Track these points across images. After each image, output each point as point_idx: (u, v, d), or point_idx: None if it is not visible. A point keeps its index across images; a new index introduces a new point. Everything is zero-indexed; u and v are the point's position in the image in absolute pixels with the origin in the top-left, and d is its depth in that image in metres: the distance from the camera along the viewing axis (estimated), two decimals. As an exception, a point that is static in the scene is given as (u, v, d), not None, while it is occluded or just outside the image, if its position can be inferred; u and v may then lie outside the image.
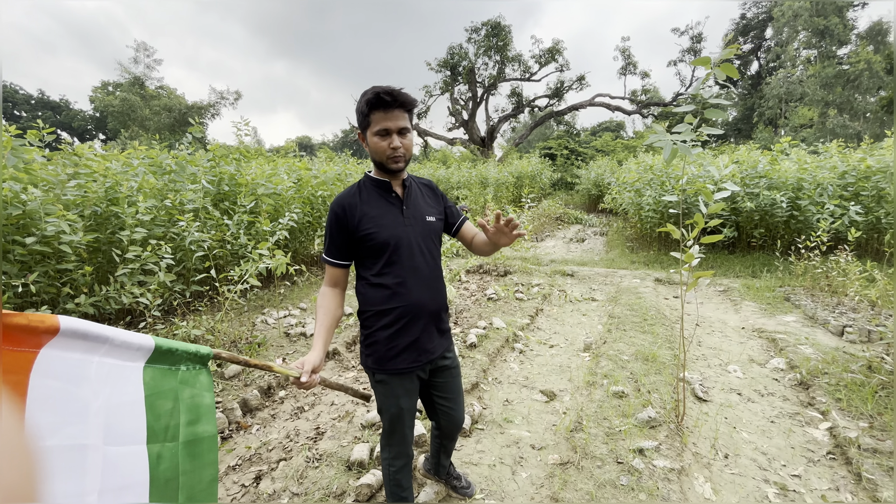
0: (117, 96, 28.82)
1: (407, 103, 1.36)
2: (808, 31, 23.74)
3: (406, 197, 1.50)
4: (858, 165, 6.97)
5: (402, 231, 1.45)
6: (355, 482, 2.11)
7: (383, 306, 1.45)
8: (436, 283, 1.52)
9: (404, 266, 1.44)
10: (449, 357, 1.63)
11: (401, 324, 1.45)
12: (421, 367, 1.53)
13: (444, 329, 1.60)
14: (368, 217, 1.43)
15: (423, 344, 1.50)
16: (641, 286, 5.92)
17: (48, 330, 0.85)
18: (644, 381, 3.05)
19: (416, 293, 1.45)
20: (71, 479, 0.84)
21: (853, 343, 3.80)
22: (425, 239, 1.50)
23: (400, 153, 1.40)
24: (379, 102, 1.33)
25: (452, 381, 1.67)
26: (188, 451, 1.08)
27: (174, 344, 1.09)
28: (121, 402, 0.96)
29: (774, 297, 5.20)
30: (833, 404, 2.77)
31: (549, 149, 23.04)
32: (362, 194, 1.48)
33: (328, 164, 7.95)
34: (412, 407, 1.57)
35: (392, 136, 1.37)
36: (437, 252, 1.56)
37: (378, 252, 1.43)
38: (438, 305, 1.53)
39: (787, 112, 24.16)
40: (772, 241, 7.21)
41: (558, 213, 13.47)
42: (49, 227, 3.28)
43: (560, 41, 24.90)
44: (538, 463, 2.34)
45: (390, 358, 1.47)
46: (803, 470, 2.27)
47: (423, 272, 1.47)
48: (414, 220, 1.49)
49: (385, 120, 1.34)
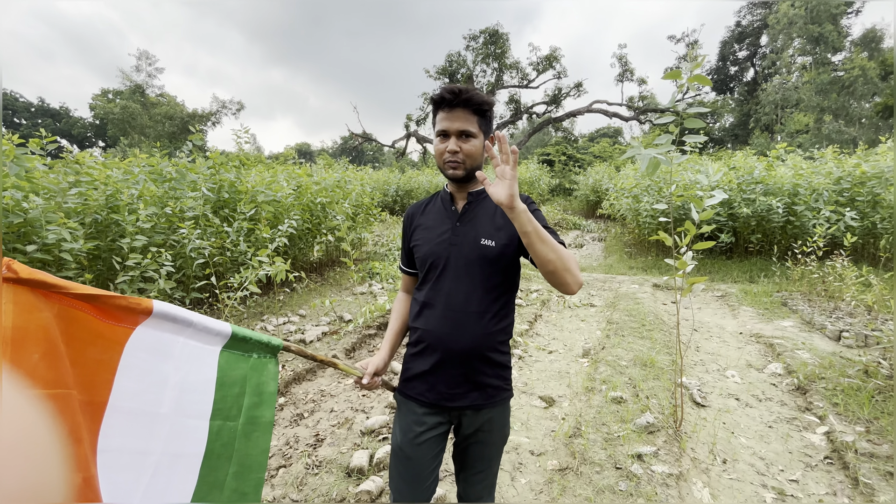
0: (117, 104, 28.98)
1: (472, 101, 1.18)
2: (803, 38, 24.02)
3: (465, 212, 1.29)
4: (854, 171, 7.04)
5: (443, 249, 1.26)
6: (355, 489, 2.12)
7: (411, 322, 1.35)
8: (469, 318, 1.22)
9: (436, 287, 1.27)
10: (487, 420, 1.27)
11: (419, 348, 1.29)
12: (432, 407, 1.27)
13: (482, 382, 1.25)
14: (421, 228, 1.34)
15: (439, 384, 1.25)
16: (640, 292, 5.94)
17: (144, 311, 0.98)
18: (642, 387, 3.06)
19: (438, 321, 1.25)
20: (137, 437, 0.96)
21: (850, 348, 3.83)
22: (471, 264, 1.24)
23: (458, 158, 1.20)
24: (442, 101, 1.19)
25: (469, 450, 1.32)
26: (244, 431, 1.16)
27: (249, 333, 1.18)
28: (196, 379, 1.08)
29: (772, 303, 5.22)
30: (830, 409, 2.79)
31: (548, 155, 23.17)
32: (429, 205, 1.39)
33: (327, 171, 7.99)
34: (416, 457, 1.27)
35: (450, 139, 1.20)
36: (488, 284, 1.24)
37: (421, 265, 1.32)
38: (467, 346, 1.22)
39: (783, 118, 24.36)
40: (769, 247, 7.25)
41: (557, 218, 13.52)
42: (50, 235, 3.30)
43: (557, 48, 25.15)
44: (537, 469, 2.35)
45: (404, 379, 1.34)
46: (801, 475, 2.28)
47: (455, 301, 1.23)
48: (463, 239, 1.25)
49: (445, 120, 1.20)
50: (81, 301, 0.89)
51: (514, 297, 1.33)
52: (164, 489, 0.99)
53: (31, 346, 0.76)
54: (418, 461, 1.27)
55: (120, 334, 0.96)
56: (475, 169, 1.24)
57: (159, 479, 0.98)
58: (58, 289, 0.84)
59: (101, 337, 0.92)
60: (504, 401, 1.31)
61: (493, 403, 1.27)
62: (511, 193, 1.00)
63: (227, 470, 1.12)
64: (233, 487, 1.13)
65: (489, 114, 1.24)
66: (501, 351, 1.28)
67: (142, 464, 0.97)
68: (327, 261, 7.39)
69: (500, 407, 1.30)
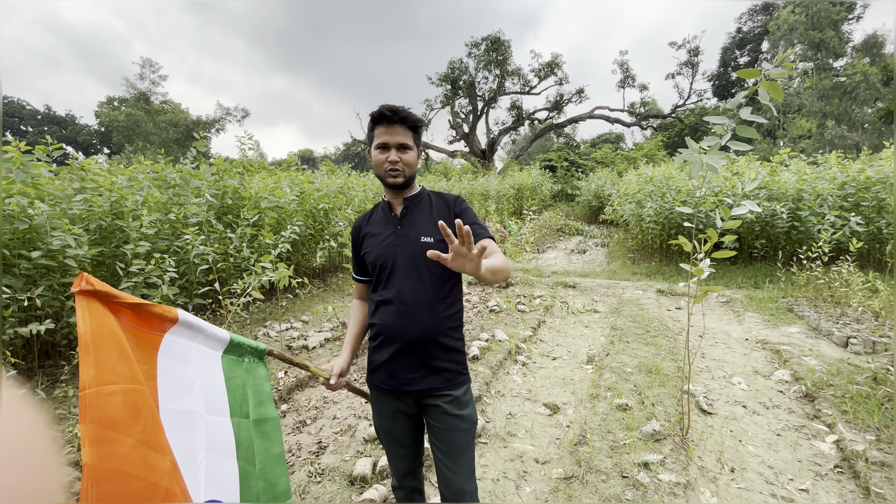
0: (122, 112, 29.23)
1: (408, 120, 1.36)
2: (804, 44, 24.06)
3: (404, 216, 1.45)
4: (858, 176, 7.01)
5: (389, 251, 1.41)
6: (358, 497, 2.09)
7: (370, 320, 1.47)
8: (419, 308, 1.36)
9: (388, 286, 1.40)
10: (447, 402, 1.39)
11: (377, 341, 1.44)
12: (394, 393, 1.41)
13: (436, 366, 1.38)
14: (368, 236, 1.49)
15: (397, 372, 1.38)
16: (644, 297, 5.91)
17: (171, 319, 1.08)
18: (648, 394, 3.03)
19: (393, 315, 1.38)
20: (188, 436, 1.04)
21: (858, 354, 3.78)
22: (415, 260, 1.38)
23: (398, 168, 1.37)
24: (381, 118, 1.35)
25: (448, 433, 1.39)
26: (258, 429, 1.24)
27: (241, 339, 1.28)
28: (211, 382, 1.17)
29: (777, 309, 5.18)
30: (839, 417, 2.75)
31: (550, 161, 23.21)
32: (372, 216, 1.54)
33: (330, 178, 8.02)
34: (393, 432, 1.47)
35: (390, 151, 1.36)
36: (432, 276, 1.38)
37: (372, 270, 1.46)
38: (420, 334, 1.36)
39: (786, 123, 24.36)
40: (773, 252, 7.21)
41: (559, 224, 13.51)
42: (55, 241, 3.31)
43: (559, 55, 25.27)
44: (542, 477, 2.32)
45: (370, 371, 1.48)
46: (811, 484, 2.24)
47: (405, 295, 1.37)
48: (405, 240, 1.40)
49: (385, 135, 1.35)
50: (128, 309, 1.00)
51: (460, 286, 1.48)
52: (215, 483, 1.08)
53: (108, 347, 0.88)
54: (397, 434, 1.46)
55: (153, 341, 1.05)
56: (412, 177, 1.42)
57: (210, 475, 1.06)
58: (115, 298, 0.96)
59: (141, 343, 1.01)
60: (461, 384, 1.43)
61: (452, 386, 1.40)
62: (476, 268, 1.09)
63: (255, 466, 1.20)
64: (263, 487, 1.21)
65: (421, 130, 1.43)
66: (453, 336, 1.43)
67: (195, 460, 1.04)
68: (330, 267, 7.39)
69: (460, 390, 1.42)
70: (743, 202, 2.29)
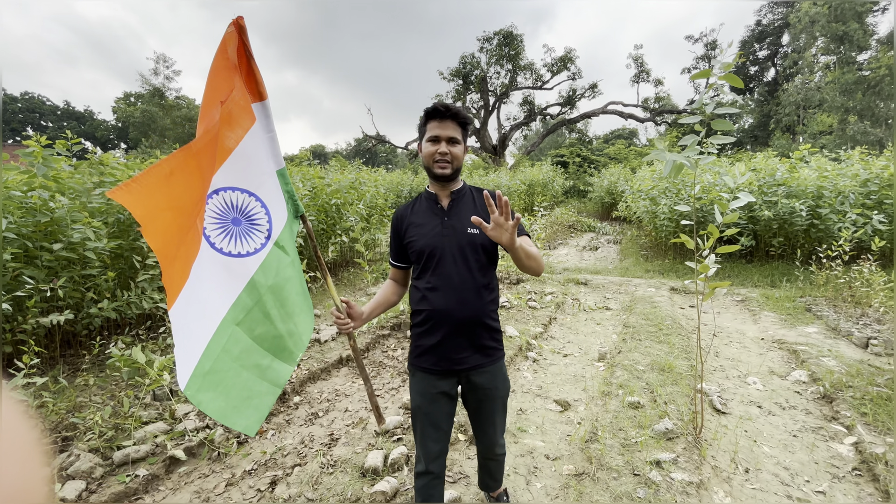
0: (138, 108, 29.69)
1: (459, 116, 1.48)
2: (826, 37, 23.37)
3: (450, 208, 1.55)
4: (882, 173, 6.81)
5: (438, 241, 1.51)
6: (370, 489, 2.11)
7: (416, 307, 1.58)
8: (468, 293, 1.51)
9: (437, 273, 1.51)
10: (489, 375, 1.58)
11: (426, 326, 1.53)
12: (443, 374, 1.55)
13: (482, 345, 1.55)
14: (413, 226, 1.57)
15: (448, 352, 1.52)
16: (657, 295, 5.84)
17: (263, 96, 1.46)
18: (660, 392, 3.00)
19: (443, 300, 1.49)
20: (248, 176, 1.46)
21: (878, 356, 3.69)
22: (462, 250, 1.50)
23: (447, 159, 1.48)
24: (435, 113, 1.48)
25: (482, 405, 1.62)
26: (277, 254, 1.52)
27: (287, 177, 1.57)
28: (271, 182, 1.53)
29: (795, 308, 5.08)
30: (858, 419, 2.69)
31: (562, 156, 22.99)
32: (415, 206, 1.63)
33: (341, 173, 8.06)
34: (432, 413, 1.56)
35: (441, 143, 1.47)
36: (479, 264, 1.52)
37: (417, 258, 1.56)
38: (468, 316, 1.51)
39: (805, 119, 23.75)
40: (791, 251, 7.06)
41: (571, 220, 13.39)
42: (75, 234, 3.39)
43: (572, 49, 24.97)
44: (553, 473, 2.31)
45: (416, 356, 1.59)
46: (828, 486, 2.20)
47: (454, 281, 1.49)
48: (453, 230, 1.52)
49: (437, 128, 1.47)
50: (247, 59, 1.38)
51: (495, 272, 1.63)
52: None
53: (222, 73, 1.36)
54: (435, 415, 1.56)
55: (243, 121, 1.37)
56: (458, 169, 1.54)
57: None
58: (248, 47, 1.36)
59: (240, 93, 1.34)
60: (500, 359, 1.62)
61: (492, 361, 1.59)
62: (511, 239, 1.30)
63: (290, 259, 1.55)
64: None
65: (469, 128, 1.55)
66: (494, 318, 1.60)
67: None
68: (342, 261, 7.44)
69: (498, 364, 1.62)
70: (738, 195, 2.30)
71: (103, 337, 3.80)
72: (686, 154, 2.13)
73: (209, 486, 2.25)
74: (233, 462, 2.45)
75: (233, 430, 2.66)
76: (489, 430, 1.68)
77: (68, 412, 2.71)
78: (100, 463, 2.28)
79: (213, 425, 2.69)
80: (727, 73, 2.01)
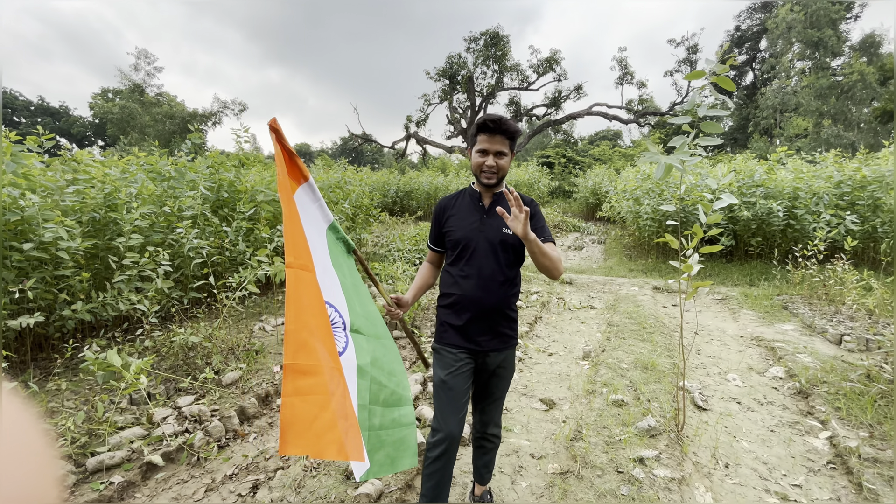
0: (116, 103, 28.88)
1: (508, 131, 1.61)
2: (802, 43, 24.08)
3: (491, 208, 1.72)
4: (854, 175, 7.04)
5: (475, 234, 1.69)
6: (353, 492, 2.09)
7: (447, 290, 1.75)
8: (495, 285, 1.68)
9: (470, 263, 1.69)
10: (502, 359, 1.76)
11: (455, 308, 1.71)
12: (466, 353, 1.71)
13: (500, 332, 1.73)
14: (453, 217, 1.75)
15: (471, 334, 1.69)
16: (640, 294, 5.93)
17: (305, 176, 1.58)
18: (644, 390, 3.04)
19: (472, 288, 1.67)
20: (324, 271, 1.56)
21: (851, 352, 3.81)
22: (494, 246, 1.67)
23: (493, 171, 1.65)
24: (484, 127, 1.61)
25: (490, 382, 1.81)
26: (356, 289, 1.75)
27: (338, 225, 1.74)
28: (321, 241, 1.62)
29: (772, 306, 5.21)
30: (833, 413, 2.76)
31: (547, 157, 23.17)
32: (458, 199, 1.80)
33: (326, 172, 7.96)
34: (455, 386, 1.69)
35: (489, 156, 1.63)
36: (507, 261, 1.69)
37: (453, 246, 1.74)
38: (493, 305, 1.68)
39: (782, 122, 24.42)
40: (769, 250, 7.24)
41: (556, 220, 13.50)
42: (47, 234, 3.27)
43: (558, 51, 25.20)
44: (538, 472, 2.32)
45: (441, 332, 1.76)
46: (804, 480, 2.26)
47: (485, 272, 1.67)
48: (491, 228, 1.69)
49: (486, 142, 1.62)
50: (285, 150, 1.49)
51: (520, 270, 1.78)
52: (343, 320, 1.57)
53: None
54: (456, 389, 1.69)
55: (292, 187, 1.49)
56: (502, 178, 1.69)
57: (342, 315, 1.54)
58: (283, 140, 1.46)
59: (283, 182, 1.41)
60: (513, 346, 1.80)
61: (507, 347, 1.76)
62: (525, 230, 1.44)
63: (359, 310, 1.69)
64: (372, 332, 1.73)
65: (517, 137, 1.68)
66: (513, 309, 1.76)
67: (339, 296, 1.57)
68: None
69: (511, 350, 1.79)
70: (721, 195, 2.34)
71: (77, 340, 3.68)
72: (677, 156, 2.16)
73: (188, 492, 2.19)
74: (213, 467, 2.39)
75: (213, 434, 2.60)
76: (490, 408, 1.85)
77: (40, 418, 2.60)
78: (72, 470, 2.20)
79: (193, 429, 2.63)
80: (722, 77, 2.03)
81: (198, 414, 2.73)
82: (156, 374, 3.10)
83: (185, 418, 2.72)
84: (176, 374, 3.25)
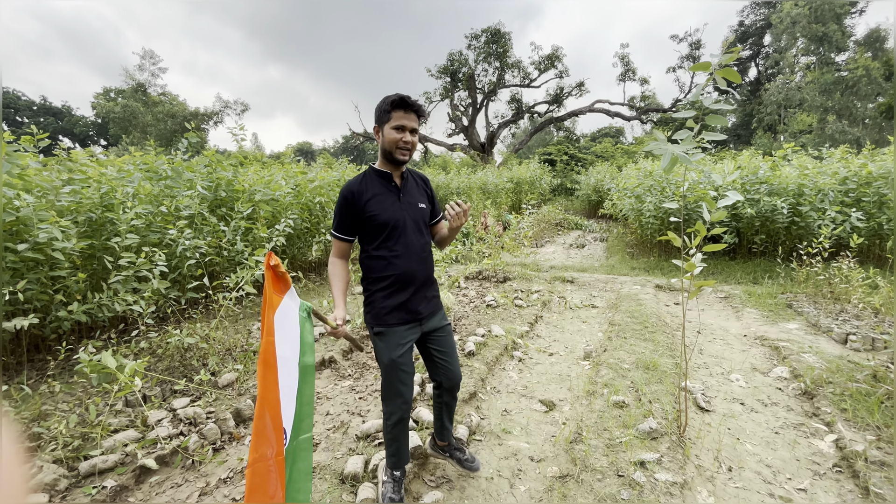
0: (119, 103, 28.91)
1: (420, 110, 1.74)
2: (807, 38, 23.84)
3: (403, 186, 1.83)
4: (860, 171, 6.94)
5: (398, 214, 1.77)
6: (349, 496, 2.05)
7: (381, 273, 1.79)
8: (424, 256, 1.85)
9: (399, 242, 1.77)
10: (439, 317, 1.95)
11: (394, 288, 1.78)
12: (411, 325, 1.83)
13: (432, 296, 1.93)
14: (372, 201, 1.76)
15: (413, 306, 1.82)
16: (642, 293, 5.87)
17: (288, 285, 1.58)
18: (645, 391, 2.99)
19: (407, 264, 1.78)
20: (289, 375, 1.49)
21: (857, 351, 3.75)
22: (416, 221, 1.83)
23: (409, 147, 1.73)
24: (401, 103, 1.69)
25: (445, 337, 1.95)
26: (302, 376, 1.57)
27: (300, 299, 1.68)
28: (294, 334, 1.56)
29: (776, 304, 5.14)
30: (838, 415, 2.71)
31: (549, 154, 23.08)
32: (366, 182, 1.80)
33: (326, 170, 7.92)
34: (404, 363, 1.79)
35: (405, 132, 1.71)
36: (427, 232, 1.91)
37: (379, 230, 1.77)
38: (426, 275, 1.87)
39: (786, 118, 24.23)
40: (773, 248, 7.16)
41: (558, 218, 13.44)
42: (41, 234, 3.24)
43: (559, 48, 25.07)
44: (537, 476, 2.28)
45: (384, 315, 1.79)
46: (809, 483, 2.20)
47: (415, 247, 1.80)
48: (409, 205, 1.81)
49: (403, 118, 1.69)
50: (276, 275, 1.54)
51: None
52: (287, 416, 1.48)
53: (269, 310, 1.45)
54: (406, 364, 1.81)
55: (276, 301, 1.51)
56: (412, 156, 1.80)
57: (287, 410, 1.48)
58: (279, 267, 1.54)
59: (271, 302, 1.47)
60: (441, 304, 2.00)
61: (439, 307, 1.98)
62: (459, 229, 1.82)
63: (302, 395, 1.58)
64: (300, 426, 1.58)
65: (423, 119, 1.80)
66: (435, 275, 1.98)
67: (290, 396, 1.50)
68: (326, 260, 7.33)
69: (442, 308, 2.00)
70: (727, 193, 2.29)
71: (72, 342, 3.66)
72: (683, 147, 2.10)
73: (182, 496, 2.16)
74: (208, 470, 2.36)
75: (208, 437, 2.57)
76: (452, 363, 1.96)
77: (32, 421, 2.58)
78: (64, 474, 2.17)
79: (188, 431, 2.60)
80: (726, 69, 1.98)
81: (193, 416, 2.70)
82: (151, 375, 3.07)
83: (180, 421, 2.69)
84: (172, 375, 3.22)
